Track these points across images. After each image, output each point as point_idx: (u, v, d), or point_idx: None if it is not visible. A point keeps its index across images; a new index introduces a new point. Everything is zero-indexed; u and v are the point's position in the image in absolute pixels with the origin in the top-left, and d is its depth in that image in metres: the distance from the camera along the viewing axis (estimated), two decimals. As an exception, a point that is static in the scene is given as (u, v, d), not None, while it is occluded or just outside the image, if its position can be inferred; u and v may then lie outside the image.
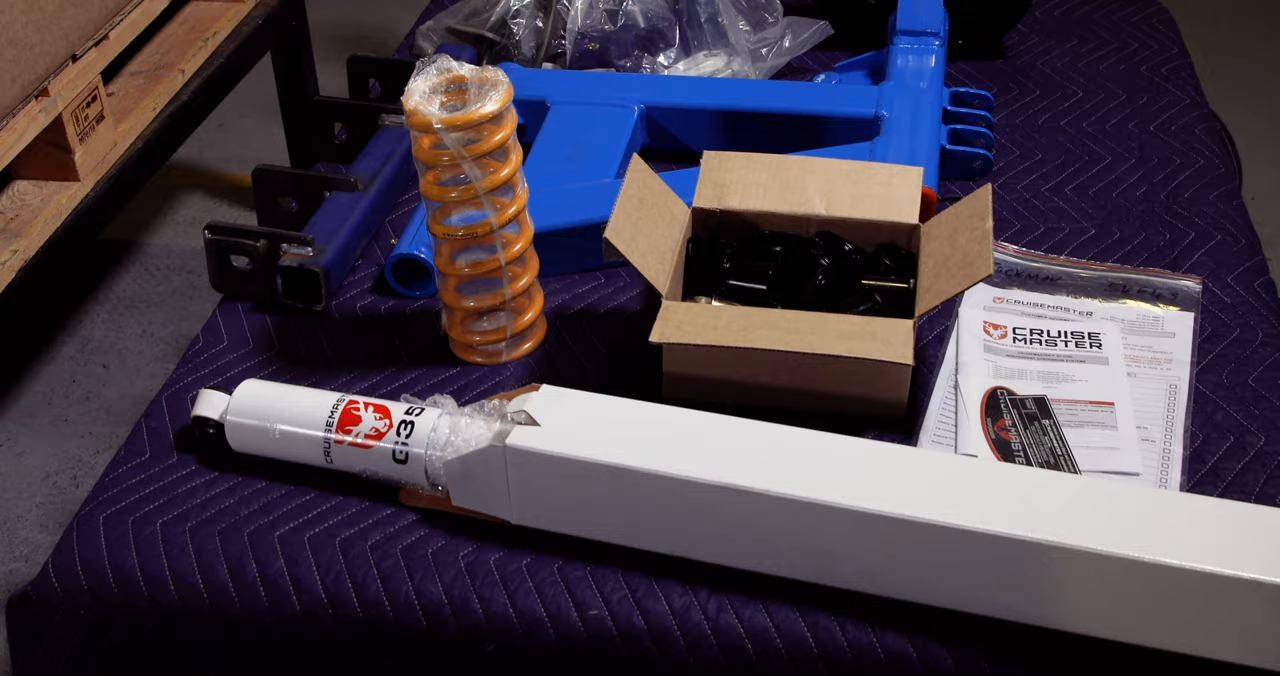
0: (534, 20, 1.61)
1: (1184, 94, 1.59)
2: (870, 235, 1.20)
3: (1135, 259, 1.32)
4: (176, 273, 2.07)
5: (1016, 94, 1.59)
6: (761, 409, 1.11)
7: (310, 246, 1.27)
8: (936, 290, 1.10)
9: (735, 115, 1.43)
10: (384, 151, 1.41)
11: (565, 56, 1.57)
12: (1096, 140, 1.50)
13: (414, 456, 1.05)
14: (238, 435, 1.11)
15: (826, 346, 1.06)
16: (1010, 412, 1.14)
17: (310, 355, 1.24)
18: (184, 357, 1.25)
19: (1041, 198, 1.41)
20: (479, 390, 1.19)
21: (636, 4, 1.57)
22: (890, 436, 1.13)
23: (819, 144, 1.42)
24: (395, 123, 1.46)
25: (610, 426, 1.03)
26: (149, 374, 1.88)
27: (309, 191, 1.36)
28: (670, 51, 1.59)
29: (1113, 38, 1.71)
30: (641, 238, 1.12)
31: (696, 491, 0.98)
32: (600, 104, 1.44)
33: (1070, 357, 1.20)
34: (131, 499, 1.09)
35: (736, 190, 1.22)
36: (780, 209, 1.21)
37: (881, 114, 1.40)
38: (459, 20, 1.66)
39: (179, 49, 1.71)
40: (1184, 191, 1.42)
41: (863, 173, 1.23)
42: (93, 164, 1.50)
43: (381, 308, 1.29)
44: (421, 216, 1.30)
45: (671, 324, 1.08)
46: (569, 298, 1.29)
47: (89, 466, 1.74)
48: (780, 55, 1.60)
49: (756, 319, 1.10)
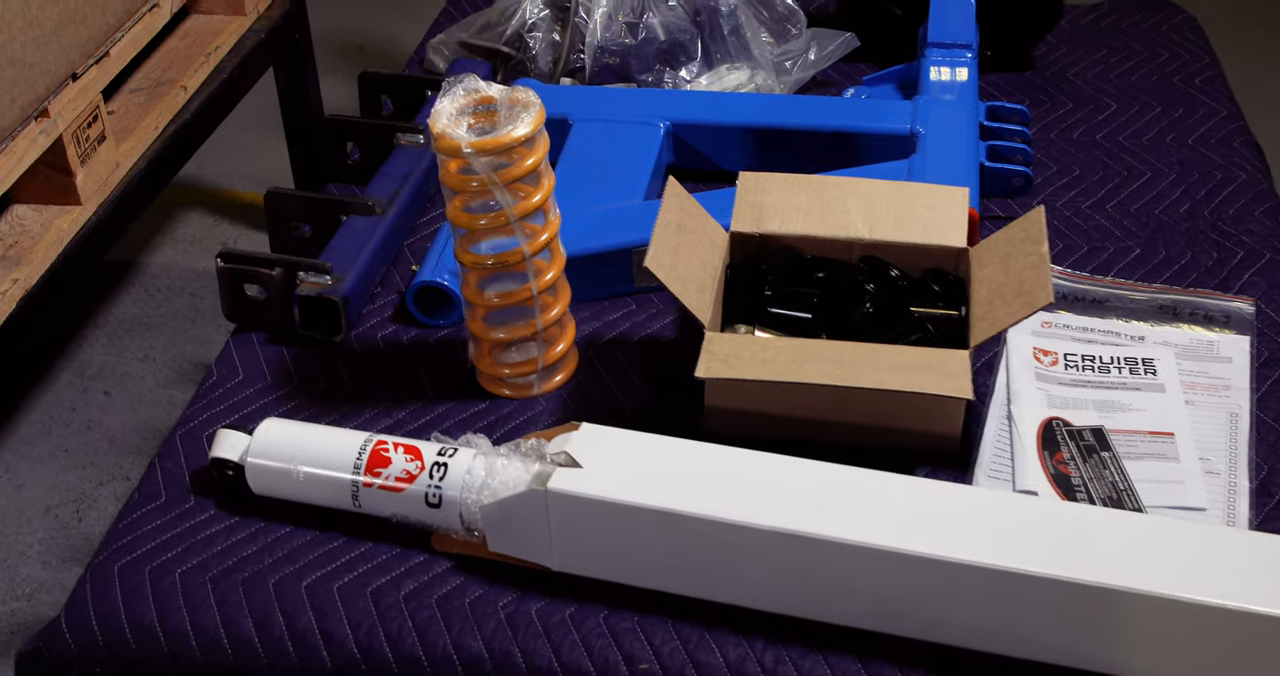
0: (551, 34, 1.55)
1: (1220, 106, 1.54)
2: (916, 259, 1.15)
3: (1183, 279, 1.28)
4: (178, 294, 2.01)
5: (1049, 107, 1.54)
6: (808, 443, 1.06)
7: (328, 274, 1.21)
8: (992, 319, 1.05)
9: (765, 132, 1.38)
10: (401, 173, 1.36)
11: (584, 71, 1.52)
12: (1134, 154, 1.46)
13: (448, 500, 0.99)
14: (259, 478, 1.05)
15: (881, 380, 1.01)
16: (1068, 445, 1.09)
17: (330, 389, 1.18)
18: (197, 393, 1.19)
19: (1083, 216, 1.36)
20: (511, 426, 1.13)
21: (657, 16, 1.52)
22: (944, 471, 1.08)
23: (852, 161, 1.37)
24: (411, 142, 1.40)
25: (656, 467, 0.98)
26: (152, 401, 1.82)
27: (324, 215, 1.31)
28: (692, 65, 1.54)
29: (1143, 47, 1.66)
30: (681, 265, 1.07)
31: (749, 536, 0.93)
32: (625, 121, 1.39)
33: (1125, 385, 1.16)
34: (148, 547, 1.04)
35: (775, 213, 1.17)
36: (822, 233, 1.16)
37: (917, 130, 1.35)
38: (472, 34, 1.60)
39: (180, 64, 1.66)
40: (1228, 208, 1.37)
41: (906, 194, 1.18)
42: (94, 187, 1.44)
43: (404, 337, 1.23)
44: (444, 242, 1.25)
45: (717, 357, 1.02)
46: (600, 325, 1.24)
47: (92, 499, 1.68)
48: (805, 68, 1.55)
49: (805, 351, 1.05)
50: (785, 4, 1.57)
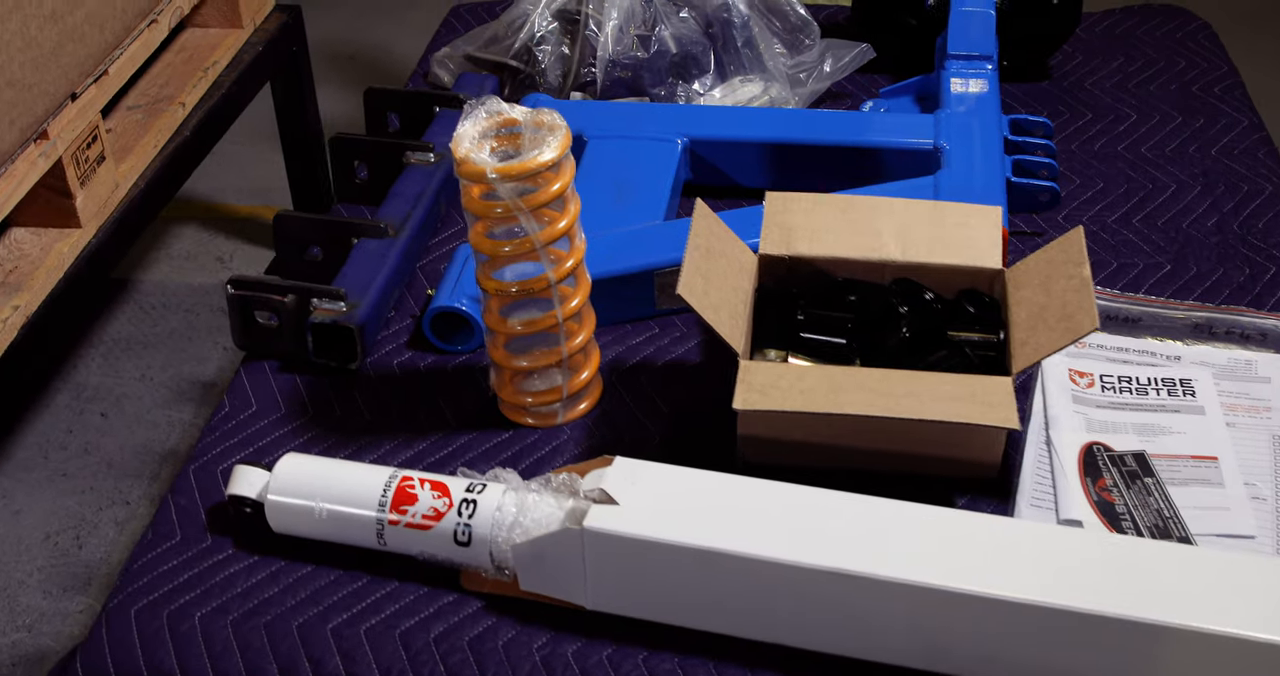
0: (560, 47, 1.52)
1: (1241, 116, 1.52)
2: (950, 280, 1.12)
3: (1215, 296, 1.25)
4: (173, 312, 1.97)
5: (1068, 118, 1.52)
6: (843, 472, 1.03)
7: (343, 301, 1.18)
8: (1035, 344, 1.02)
9: (785, 148, 1.35)
10: (413, 193, 1.32)
11: (595, 85, 1.49)
12: (1158, 166, 1.43)
13: (478, 538, 0.96)
14: (279, 516, 1.01)
15: (924, 410, 0.98)
16: (1110, 471, 1.07)
17: (347, 419, 1.15)
18: (209, 424, 1.16)
19: (1110, 231, 1.34)
20: (536, 456, 1.10)
21: (668, 29, 1.49)
22: (985, 500, 1.05)
23: (874, 177, 1.34)
24: (422, 161, 1.37)
25: (693, 503, 0.94)
26: (150, 423, 1.78)
27: (335, 238, 1.27)
28: (705, 78, 1.51)
29: (1159, 55, 1.64)
30: (713, 291, 1.04)
31: (794, 574, 0.90)
32: (641, 138, 1.36)
33: (1164, 407, 1.13)
34: (165, 589, 1.00)
35: (804, 234, 1.14)
36: (853, 254, 1.13)
37: (941, 145, 1.32)
38: (478, 47, 1.57)
39: (178, 80, 1.62)
40: (1257, 221, 1.35)
41: (937, 213, 1.15)
42: (94, 209, 1.40)
43: (421, 365, 1.20)
44: (460, 265, 1.22)
45: (754, 388, 0.99)
46: (623, 350, 1.21)
47: (92, 525, 1.64)
48: (820, 80, 1.52)
49: (844, 379, 1.02)
50: (798, 14, 1.55)
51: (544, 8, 1.52)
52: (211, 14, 1.70)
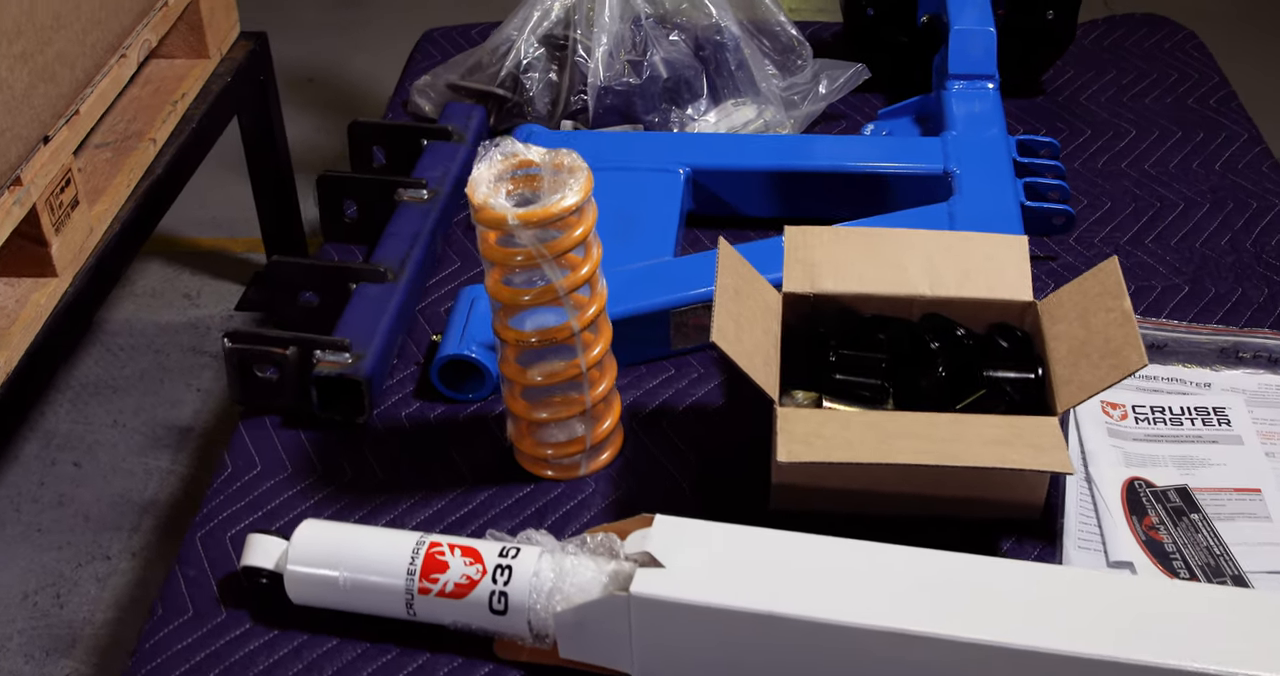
0: (547, 74, 1.47)
1: (1240, 128, 1.50)
2: (980, 314, 1.09)
3: (1237, 317, 1.23)
4: (142, 352, 1.90)
5: (1068, 135, 1.49)
6: (884, 518, 1.00)
7: (347, 351, 1.12)
8: (1080, 382, 0.99)
9: (791, 176, 1.32)
10: (408, 232, 1.27)
11: (586, 113, 1.44)
12: (1164, 184, 1.41)
13: (515, 605, 0.91)
14: (299, 587, 0.96)
15: (974, 457, 0.94)
16: (1154, 508, 1.04)
17: (359, 478, 1.09)
18: (213, 488, 1.10)
19: (1123, 252, 1.31)
20: (562, 511, 1.05)
21: (659, 53, 1.45)
22: (1030, 542, 1.02)
23: (883, 204, 1.31)
24: (414, 198, 1.31)
25: (742, 563, 0.90)
26: (126, 471, 1.71)
27: (332, 284, 1.22)
28: (699, 102, 1.47)
29: (1150, 67, 1.62)
30: (745, 336, 1.00)
31: (853, 637, 0.86)
32: (643, 169, 1.31)
33: (1201, 438, 1.10)
34: (181, 669, 0.95)
35: (828, 270, 1.10)
36: (881, 290, 1.09)
37: (951, 170, 1.29)
38: (461, 76, 1.52)
39: (146, 115, 1.55)
40: (1269, 238, 1.33)
41: (962, 245, 1.12)
42: (70, 255, 1.34)
43: (430, 415, 1.15)
44: (466, 309, 1.17)
45: (797, 438, 0.95)
46: (640, 394, 1.16)
47: (73, 582, 1.57)
48: (816, 101, 1.49)
49: (887, 425, 0.98)
50: (790, 35, 1.51)
51: (529, 33, 1.47)
52: (177, 44, 1.64)
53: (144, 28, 1.50)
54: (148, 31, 1.50)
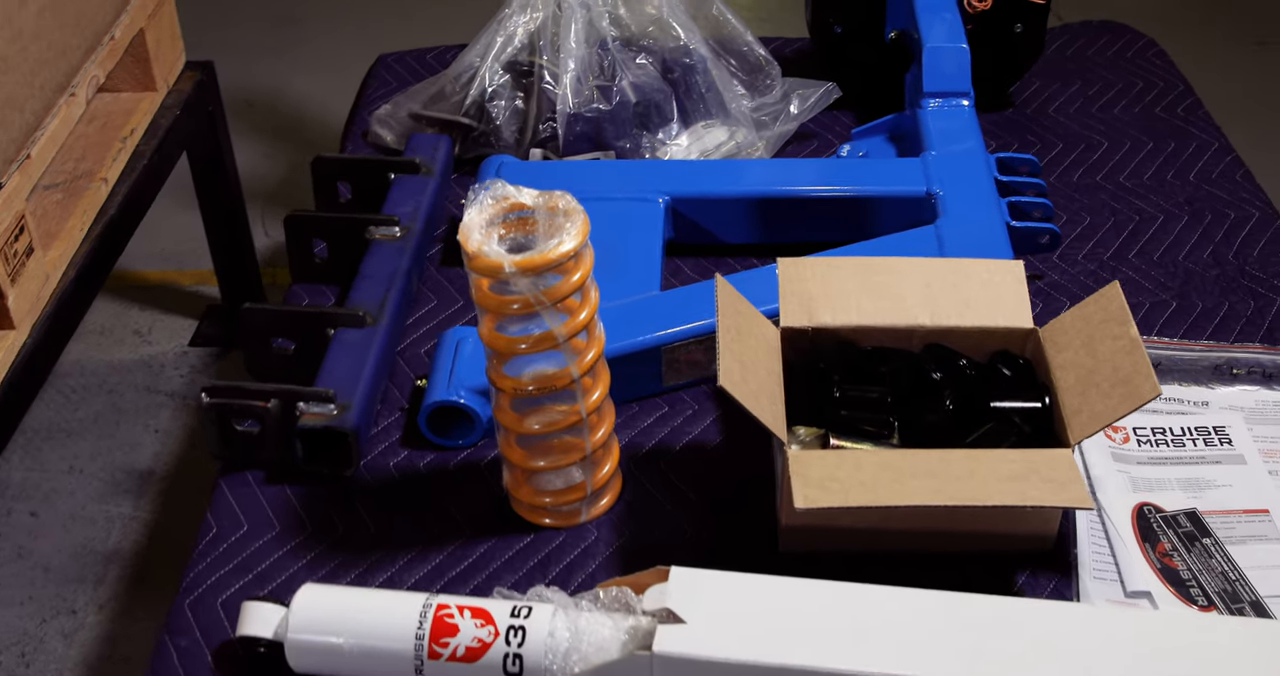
0: (514, 102, 1.44)
1: (1210, 137, 1.50)
2: (981, 343, 1.08)
3: (1226, 333, 1.23)
4: (94, 394, 1.84)
5: (1040, 149, 1.48)
6: (896, 555, 0.99)
7: (332, 402, 1.08)
8: (1092, 412, 0.97)
9: (772, 202, 1.29)
10: (384, 273, 1.23)
11: (556, 141, 1.41)
12: (1140, 196, 1.41)
13: (530, 667, 0.88)
14: (302, 656, 0.92)
15: (993, 495, 0.92)
16: (1166, 534, 1.03)
17: (351, 533, 1.05)
18: (198, 550, 1.05)
19: (1108, 268, 1.30)
20: (566, 561, 1.02)
21: (628, 77, 1.42)
22: (1045, 575, 1.00)
23: (866, 228, 1.29)
24: (387, 236, 1.27)
25: (764, 614, 0.88)
26: (87, 519, 1.65)
27: (309, 330, 1.17)
28: (670, 126, 1.44)
29: (1115, 77, 1.62)
30: (750, 377, 0.97)
31: (884, 687, 0.84)
32: (621, 199, 1.28)
33: (1204, 459, 1.10)
34: (181, 748, 0.90)
35: (825, 303, 1.08)
36: (880, 322, 1.07)
37: (934, 191, 1.27)
38: (424, 105, 1.48)
39: (95, 153, 1.50)
40: (1251, 249, 1.33)
41: (958, 271, 1.10)
42: (27, 306, 1.28)
43: (420, 464, 1.11)
44: (451, 353, 1.13)
45: (812, 483, 0.93)
46: (635, 434, 1.13)
47: (37, 639, 1.51)
48: (788, 121, 1.47)
49: (901, 465, 0.96)
50: (758, 54, 1.49)
51: (493, 60, 1.44)
52: (123, 77, 1.58)
53: (91, 64, 1.44)
54: (95, 68, 1.45)
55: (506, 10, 1.46)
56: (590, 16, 1.44)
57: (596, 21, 1.44)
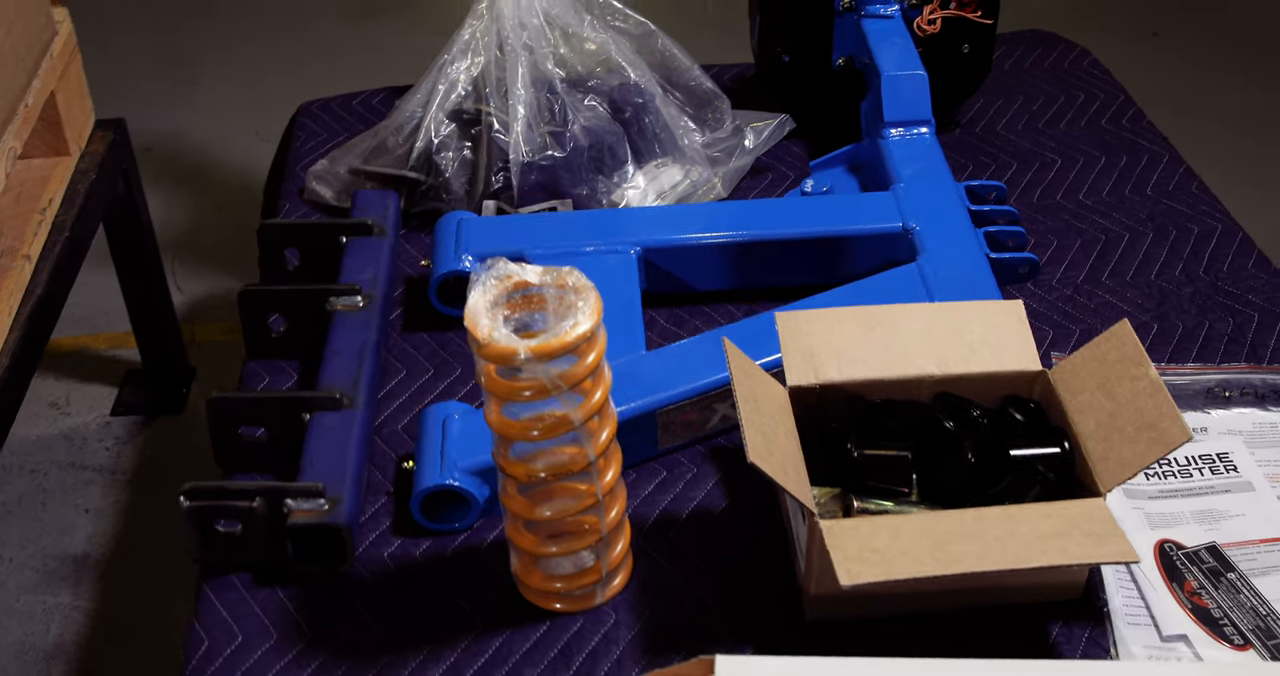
0: (462, 152, 1.38)
1: (1159, 148, 1.50)
2: (989, 388, 1.05)
3: (1211, 353, 1.22)
4: (16, 475, 1.73)
5: (995, 170, 1.47)
6: (925, 614, 0.97)
7: (321, 496, 1.02)
8: (1119, 459, 0.96)
9: (747, 247, 1.25)
10: (353, 348, 1.17)
11: (509, 191, 1.35)
12: (1102, 214, 1.40)
13: (579, 778, 0.83)
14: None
15: (1038, 556, 0.90)
16: (1191, 571, 1.02)
17: (355, 636, 0.99)
18: (190, 667, 0.98)
19: (1083, 293, 1.29)
20: (588, 649, 0.98)
21: (580, 121, 1.37)
22: (1079, 624, 0.98)
23: (843, 266, 1.26)
24: (349, 306, 1.21)
25: (821, 701, 0.84)
26: (23, 613, 1.55)
27: (282, 417, 1.11)
28: (625, 168, 1.39)
29: (1056, 89, 1.61)
30: (775, 447, 0.94)
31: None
32: (591, 252, 1.24)
33: (1213, 488, 1.09)
34: None
35: (829, 358, 1.04)
36: (887, 374, 1.04)
37: (910, 226, 1.25)
38: (365, 159, 1.41)
39: (15, 228, 1.40)
40: (1220, 264, 1.33)
41: (959, 316, 1.08)
42: (-39, 404, 1.19)
43: (416, 552, 1.05)
44: (438, 432, 1.08)
45: (853, 557, 0.89)
46: (639, 504, 1.09)
47: (-14, 755, 1.42)
48: (743, 155, 1.43)
49: (936, 529, 0.93)
50: (707, 88, 1.45)
51: (436, 109, 1.38)
52: (34, 144, 1.49)
53: (8, 135, 1.35)
54: (12, 139, 1.36)
55: (446, 56, 1.40)
56: (534, 59, 1.38)
57: (541, 63, 1.38)
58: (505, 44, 1.39)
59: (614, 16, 1.44)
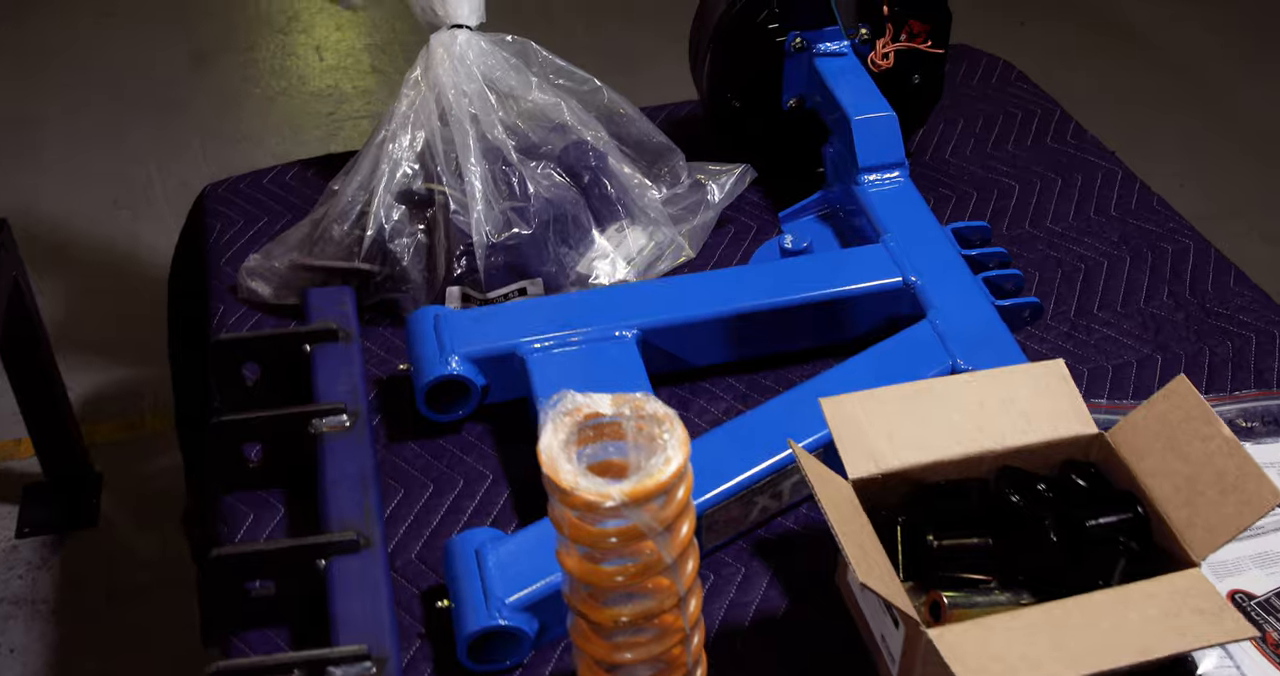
0: (416, 237, 1.28)
1: (1109, 163, 1.49)
2: (1048, 456, 1.01)
3: (1220, 381, 1.21)
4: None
5: (956, 202, 1.44)
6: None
7: (367, 658, 0.92)
8: (1208, 525, 0.93)
9: (748, 317, 1.19)
10: (353, 476, 1.06)
11: (474, 275, 1.26)
12: (1076, 241, 1.38)
13: None
14: None
15: (1160, 643, 0.86)
16: (1269, 622, 1.00)
17: None
18: None
19: (1080, 328, 1.27)
20: (689, 795, 0.90)
21: (540, 193, 1.28)
22: (1179, 696, 0.95)
23: (847, 327, 1.22)
24: (334, 427, 1.10)
25: None
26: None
27: (296, 568, 1.00)
28: (589, 236, 1.31)
29: (992, 108, 1.59)
30: (872, 557, 0.88)
31: None
32: (587, 341, 1.15)
33: (1263, 529, 1.08)
34: None
35: (884, 443, 0.99)
36: (948, 455, 0.99)
37: (910, 280, 1.20)
38: (307, 251, 1.30)
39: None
40: (1203, 284, 1.32)
41: (1003, 384, 1.03)
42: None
43: (471, 701, 0.97)
44: (473, 566, 0.99)
45: (973, 668, 0.84)
46: (697, 615, 1.02)
47: None
48: (708, 211, 1.37)
49: (1048, 624, 0.88)
50: (659, 142, 1.38)
51: (384, 192, 1.27)
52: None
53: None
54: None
55: (384, 132, 1.30)
56: (481, 129, 1.29)
57: (489, 132, 1.29)
58: (448, 115, 1.29)
59: (556, 74, 1.35)
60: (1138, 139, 2.27)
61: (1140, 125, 2.63)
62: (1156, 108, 2.79)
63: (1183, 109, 2.80)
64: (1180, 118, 2.78)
